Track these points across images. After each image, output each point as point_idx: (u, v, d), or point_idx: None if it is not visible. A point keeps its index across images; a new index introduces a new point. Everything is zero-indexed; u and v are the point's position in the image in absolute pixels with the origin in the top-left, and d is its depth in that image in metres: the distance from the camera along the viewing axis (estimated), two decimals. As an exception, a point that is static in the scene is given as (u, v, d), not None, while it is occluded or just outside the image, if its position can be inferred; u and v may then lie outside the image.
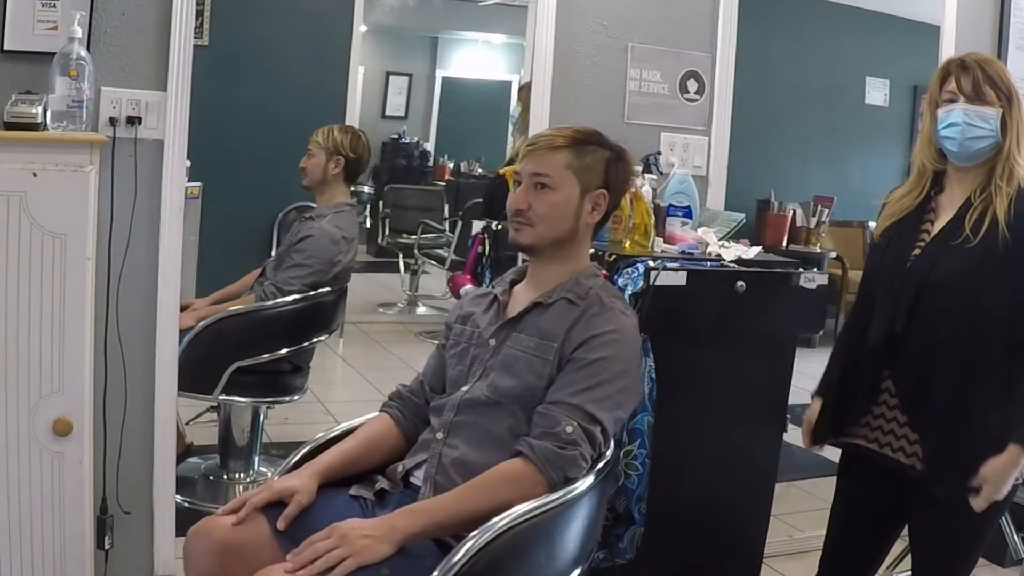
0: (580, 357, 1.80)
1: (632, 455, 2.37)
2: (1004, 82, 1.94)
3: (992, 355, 1.90)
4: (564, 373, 1.80)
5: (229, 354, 3.07)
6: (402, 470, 1.86)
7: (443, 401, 1.91)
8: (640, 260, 2.41)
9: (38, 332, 2.20)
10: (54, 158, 2.19)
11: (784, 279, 2.53)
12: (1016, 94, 1.94)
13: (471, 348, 1.93)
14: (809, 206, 5.31)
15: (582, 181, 1.87)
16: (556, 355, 1.82)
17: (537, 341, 1.84)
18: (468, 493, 1.71)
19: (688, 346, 2.45)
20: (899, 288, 1.98)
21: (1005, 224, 1.89)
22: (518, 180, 1.89)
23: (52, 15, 2.31)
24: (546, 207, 1.85)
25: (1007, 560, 3.10)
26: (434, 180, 7.54)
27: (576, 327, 1.83)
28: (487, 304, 1.99)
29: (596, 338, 1.81)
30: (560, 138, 1.88)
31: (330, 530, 1.61)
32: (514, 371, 1.84)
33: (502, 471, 1.73)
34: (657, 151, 2.91)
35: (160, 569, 2.60)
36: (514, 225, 1.88)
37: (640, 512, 2.39)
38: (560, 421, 1.75)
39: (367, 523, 1.65)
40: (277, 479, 1.80)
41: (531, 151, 1.88)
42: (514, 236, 1.88)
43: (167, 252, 2.51)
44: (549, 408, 1.78)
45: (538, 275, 1.93)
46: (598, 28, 2.93)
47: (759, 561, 2.73)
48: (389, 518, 1.66)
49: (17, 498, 2.23)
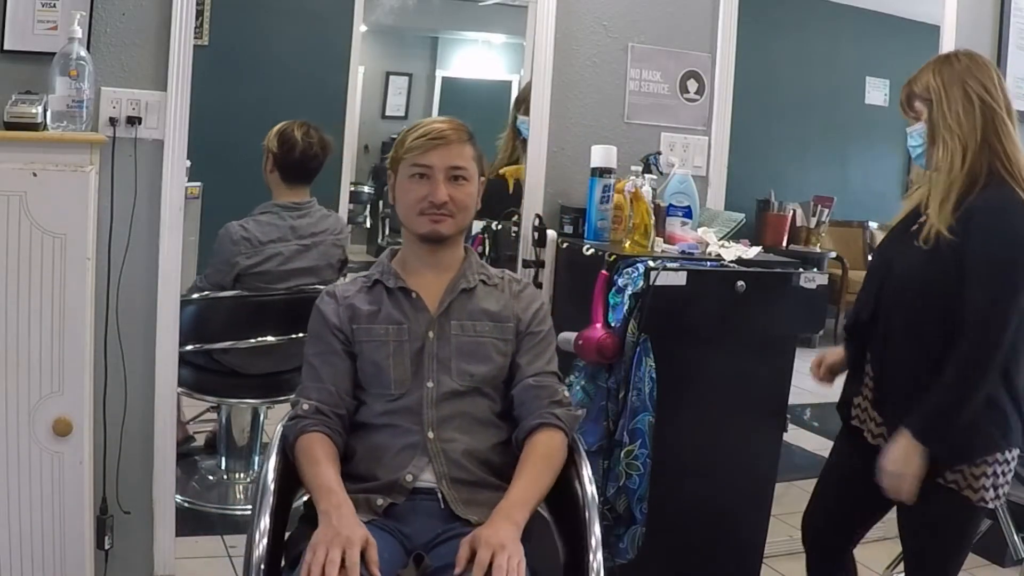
0: (536, 330, 1.97)
1: (633, 455, 2.37)
2: (928, 89, 1.96)
3: (937, 346, 1.93)
4: (527, 347, 1.95)
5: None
6: (412, 479, 1.82)
7: (403, 403, 1.87)
8: (640, 260, 2.41)
9: (38, 332, 2.20)
10: (54, 158, 2.19)
11: (784, 279, 2.53)
12: (938, 96, 1.94)
13: (405, 344, 1.89)
14: (809, 206, 5.31)
15: (479, 171, 1.98)
16: (513, 333, 1.95)
17: (492, 324, 1.94)
18: (539, 473, 1.81)
19: (688, 346, 2.46)
20: (870, 279, 2.13)
21: (944, 229, 1.92)
22: (423, 173, 1.90)
23: (52, 15, 2.32)
24: (465, 198, 1.93)
25: (1007, 560, 3.10)
26: (434, 180, 7.52)
27: (517, 305, 1.98)
28: (383, 298, 1.93)
29: (539, 312, 1.99)
30: (463, 131, 1.95)
31: (475, 545, 1.61)
32: (482, 356, 1.91)
33: (547, 445, 1.85)
34: (657, 151, 2.92)
35: (160, 569, 2.60)
36: (434, 217, 1.90)
37: (641, 512, 2.39)
38: (557, 389, 1.93)
39: (495, 527, 1.66)
40: (331, 535, 1.61)
41: (440, 145, 1.90)
42: (435, 228, 1.91)
43: (167, 252, 2.51)
44: (540, 380, 1.92)
45: (438, 262, 1.97)
46: (598, 28, 2.93)
47: (759, 561, 2.73)
48: (506, 516, 1.69)
49: (17, 498, 2.23)
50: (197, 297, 3.07)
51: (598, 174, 2.67)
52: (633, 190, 2.56)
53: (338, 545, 1.58)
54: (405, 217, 1.94)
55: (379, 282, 1.96)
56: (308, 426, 1.83)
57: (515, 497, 1.76)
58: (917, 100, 1.99)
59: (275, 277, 3.12)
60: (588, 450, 2.40)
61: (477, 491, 1.82)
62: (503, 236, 2.99)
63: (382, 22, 5.45)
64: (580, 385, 2.46)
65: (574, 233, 2.74)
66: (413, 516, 1.77)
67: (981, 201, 1.90)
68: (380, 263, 2.00)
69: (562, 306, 2.73)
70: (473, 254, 2.03)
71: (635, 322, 2.36)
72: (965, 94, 1.92)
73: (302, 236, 3.17)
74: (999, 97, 1.92)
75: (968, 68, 1.93)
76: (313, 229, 3.19)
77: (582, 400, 2.44)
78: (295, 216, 3.16)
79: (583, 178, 2.73)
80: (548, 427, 1.86)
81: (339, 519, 1.64)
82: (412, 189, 1.91)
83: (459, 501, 1.80)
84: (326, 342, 1.91)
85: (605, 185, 2.66)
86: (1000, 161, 1.91)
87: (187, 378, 3.08)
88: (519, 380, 1.93)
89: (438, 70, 6.67)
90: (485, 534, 1.64)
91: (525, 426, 1.88)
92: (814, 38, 5.39)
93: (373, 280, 1.97)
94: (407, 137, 1.94)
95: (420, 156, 1.90)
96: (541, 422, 1.86)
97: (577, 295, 2.58)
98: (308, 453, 1.80)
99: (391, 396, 1.88)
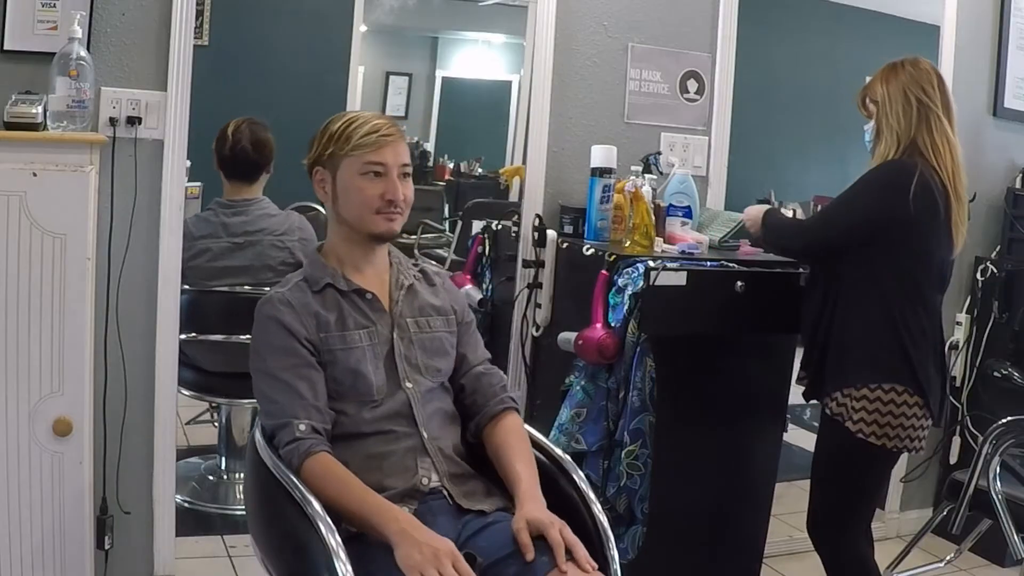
0: (469, 320, 2.05)
1: (634, 455, 2.37)
2: (876, 93, 2.32)
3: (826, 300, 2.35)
4: (466, 337, 2.01)
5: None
6: (427, 482, 1.82)
7: (388, 407, 1.84)
8: (640, 260, 2.41)
9: (38, 332, 2.20)
10: (54, 158, 2.19)
11: (784, 279, 2.53)
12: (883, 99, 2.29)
13: (377, 348, 1.87)
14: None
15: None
16: (456, 325, 2.00)
17: (440, 318, 1.97)
18: (529, 452, 1.89)
19: (688, 346, 2.46)
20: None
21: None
22: (378, 171, 1.85)
23: (52, 15, 2.32)
24: (411, 195, 1.91)
25: (1007, 560, 3.10)
26: (434, 180, 7.52)
27: (451, 297, 2.03)
28: (340, 303, 1.87)
29: (462, 301, 2.07)
30: (398, 126, 1.94)
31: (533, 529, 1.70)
32: (441, 351, 1.95)
33: (519, 425, 1.95)
34: (657, 151, 2.91)
35: (160, 569, 2.60)
36: (390, 216, 1.86)
37: (642, 512, 2.39)
38: (500, 374, 2.03)
39: (537, 507, 1.75)
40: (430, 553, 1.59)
41: (392, 142, 1.87)
42: (389, 227, 1.87)
43: (167, 252, 2.51)
44: (487, 368, 2.01)
45: (378, 260, 1.94)
46: (598, 28, 2.93)
47: (759, 561, 2.73)
48: (534, 497, 1.78)
49: (17, 498, 2.23)
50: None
51: (598, 174, 2.67)
52: (633, 190, 2.56)
53: (445, 560, 1.59)
54: (358, 216, 1.86)
55: (331, 285, 1.87)
56: (313, 446, 1.73)
57: (528, 478, 1.82)
58: (869, 102, 2.35)
59: (207, 273, 3.07)
60: (588, 450, 2.41)
61: (468, 482, 1.87)
62: (503, 236, 2.99)
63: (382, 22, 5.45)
64: (580, 385, 2.46)
65: (574, 233, 2.74)
66: (432, 517, 1.77)
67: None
68: (315, 263, 1.91)
69: (562, 306, 2.73)
70: (394, 248, 2.02)
71: (635, 322, 2.36)
72: (905, 97, 2.27)
73: (234, 234, 3.11)
74: (936, 98, 2.27)
75: (911, 75, 2.28)
76: (248, 228, 3.11)
77: (582, 400, 2.44)
78: (229, 214, 3.12)
79: (583, 178, 2.73)
80: (511, 410, 1.95)
81: (420, 533, 1.63)
82: (366, 187, 1.85)
83: (462, 495, 1.83)
84: (299, 355, 1.80)
85: (605, 185, 2.66)
86: (923, 150, 2.25)
87: (187, 378, 3.07)
88: (466, 370, 1.98)
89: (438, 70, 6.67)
90: (536, 517, 1.71)
91: (489, 412, 1.94)
92: (814, 38, 5.38)
93: (324, 284, 1.87)
94: (348, 133, 1.85)
95: (373, 153, 1.85)
96: (505, 407, 1.95)
97: (577, 295, 2.58)
98: (331, 474, 1.72)
99: (375, 403, 1.85)
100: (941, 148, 2.25)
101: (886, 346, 2.24)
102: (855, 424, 2.25)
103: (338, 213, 1.90)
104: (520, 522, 1.71)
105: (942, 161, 2.24)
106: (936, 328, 2.32)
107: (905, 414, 2.23)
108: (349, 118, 1.89)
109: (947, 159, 2.25)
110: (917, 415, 2.25)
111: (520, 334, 2.83)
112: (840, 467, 2.33)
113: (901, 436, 2.25)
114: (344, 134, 1.86)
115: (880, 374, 2.23)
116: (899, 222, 2.21)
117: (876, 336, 2.25)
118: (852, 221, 2.28)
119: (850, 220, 2.28)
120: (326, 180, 1.89)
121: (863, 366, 2.25)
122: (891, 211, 2.21)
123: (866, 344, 2.26)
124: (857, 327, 2.27)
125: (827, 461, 2.36)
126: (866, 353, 2.25)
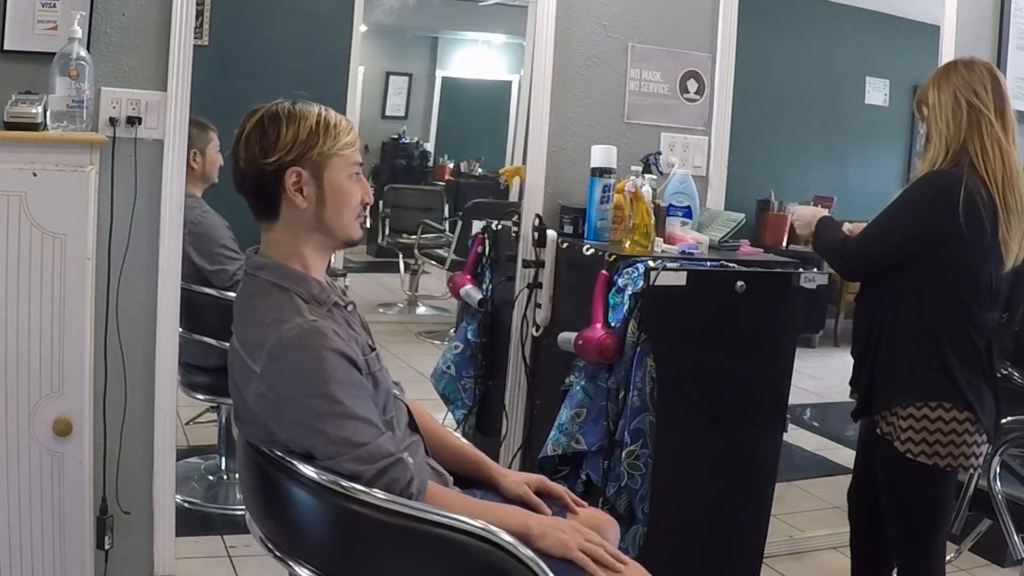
0: None
1: (635, 455, 2.37)
2: (927, 96, 2.24)
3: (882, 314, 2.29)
4: None
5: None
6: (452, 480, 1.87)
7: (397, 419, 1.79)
8: (640, 260, 2.41)
9: (38, 332, 2.20)
10: (54, 158, 2.19)
11: (784, 279, 2.53)
12: (934, 104, 2.22)
13: (379, 362, 1.76)
14: (809, 206, 5.30)
15: None
16: None
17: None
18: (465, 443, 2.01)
19: (688, 346, 2.46)
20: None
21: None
22: (358, 172, 1.72)
23: (52, 15, 2.31)
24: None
25: (1007, 560, 3.10)
26: (434, 180, 7.54)
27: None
28: (349, 320, 1.75)
29: None
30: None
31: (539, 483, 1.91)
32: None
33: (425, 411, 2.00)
34: (657, 151, 2.91)
35: (160, 569, 2.60)
36: (362, 220, 1.74)
37: (643, 512, 2.39)
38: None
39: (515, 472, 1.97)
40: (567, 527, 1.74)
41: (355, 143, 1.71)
42: (361, 232, 1.76)
43: (167, 252, 2.51)
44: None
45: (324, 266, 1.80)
46: (598, 28, 2.93)
47: (759, 561, 2.73)
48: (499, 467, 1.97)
49: (17, 498, 2.23)
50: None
51: (598, 174, 2.67)
52: (633, 190, 2.56)
53: (581, 529, 1.74)
54: (346, 222, 1.69)
55: (337, 304, 1.72)
56: (413, 482, 1.60)
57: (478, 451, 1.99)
58: (922, 106, 2.27)
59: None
60: (589, 450, 2.41)
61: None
62: (503, 236, 2.99)
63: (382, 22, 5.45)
64: (580, 385, 2.46)
65: (574, 233, 2.74)
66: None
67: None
68: (301, 279, 1.67)
69: (562, 306, 2.73)
70: None
71: (635, 322, 2.36)
72: (956, 101, 2.18)
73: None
74: (988, 101, 2.17)
75: (963, 77, 2.19)
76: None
77: (582, 400, 2.44)
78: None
79: (583, 178, 2.73)
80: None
81: (547, 519, 1.76)
82: (354, 191, 1.69)
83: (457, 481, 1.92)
84: (366, 388, 1.64)
85: (605, 185, 2.66)
86: (972, 157, 2.16)
87: (187, 378, 3.08)
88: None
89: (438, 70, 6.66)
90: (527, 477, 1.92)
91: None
92: (814, 38, 5.39)
93: (332, 303, 1.70)
94: (336, 131, 1.66)
95: (356, 153, 1.70)
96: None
97: (577, 295, 2.58)
98: (444, 496, 1.69)
99: (394, 417, 1.76)
100: (992, 154, 2.15)
101: (931, 364, 2.18)
102: (903, 444, 2.20)
103: (319, 219, 1.67)
104: (520, 487, 1.88)
105: (991, 169, 2.15)
106: (987, 345, 2.24)
107: (956, 431, 2.17)
108: (318, 112, 1.67)
109: (997, 167, 2.15)
110: (969, 431, 2.17)
111: (520, 334, 2.83)
112: (898, 489, 2.28)
113: (954, 454, 2.18)
114: (327, 132, 1.65)
115: (926, 392, 2.18)
116: (943, 239, 2.15)
117: (921, 354, 2.19)
118: (894, 241, 2.22)
119: (892, 240, 2.22)
120: (307, 182, 1.64)
121: (909, 384, 2.20)
122: (935, 228, 2.15)
123: (912, 362, 2.20)
124: (903, 345, 2.21)
125: (886, 484, 2.31)
126: (911, 371, 2.20)
